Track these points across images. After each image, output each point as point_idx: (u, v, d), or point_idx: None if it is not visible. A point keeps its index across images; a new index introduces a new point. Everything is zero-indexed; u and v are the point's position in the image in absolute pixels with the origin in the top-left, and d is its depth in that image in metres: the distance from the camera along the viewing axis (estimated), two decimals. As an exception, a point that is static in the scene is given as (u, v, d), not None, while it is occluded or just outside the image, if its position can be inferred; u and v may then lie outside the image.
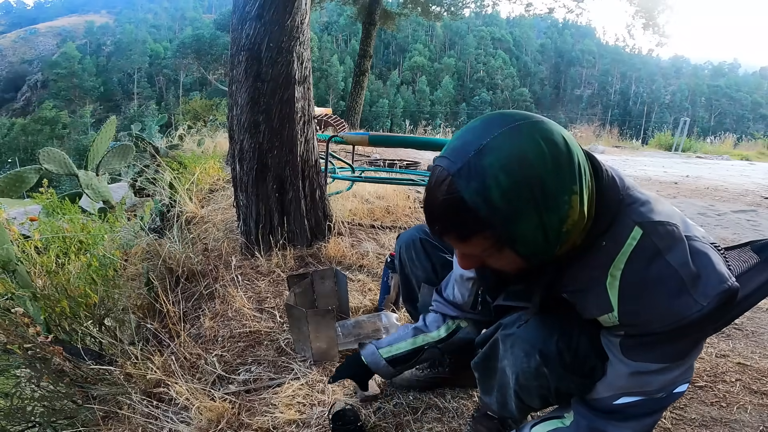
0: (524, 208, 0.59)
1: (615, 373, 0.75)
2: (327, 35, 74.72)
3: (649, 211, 0.69)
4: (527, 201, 0.59)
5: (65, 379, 1.49)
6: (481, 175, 0.58)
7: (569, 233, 0.64)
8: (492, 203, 0.59)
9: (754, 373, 1.41)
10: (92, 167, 3.41)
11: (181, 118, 15.00)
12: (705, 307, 0.63)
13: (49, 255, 2.18)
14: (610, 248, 0.68)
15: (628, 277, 0.67)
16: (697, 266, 0.65)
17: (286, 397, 1.27)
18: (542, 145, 0.59)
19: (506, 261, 0.68)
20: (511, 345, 0.84)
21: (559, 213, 0.61)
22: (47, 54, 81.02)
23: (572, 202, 0.61)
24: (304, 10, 2.16)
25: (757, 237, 0.94)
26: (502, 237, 0.62)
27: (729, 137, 13.19)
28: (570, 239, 0.65)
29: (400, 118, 52.78)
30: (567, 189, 0.60)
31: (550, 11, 14.77)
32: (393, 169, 4.83)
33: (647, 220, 0.68)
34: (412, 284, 1.21)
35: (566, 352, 0.78)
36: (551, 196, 0.59)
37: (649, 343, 0.69)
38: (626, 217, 0.68)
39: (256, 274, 2.09)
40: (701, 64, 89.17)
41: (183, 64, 47.33)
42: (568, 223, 0.62)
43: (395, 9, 15.16)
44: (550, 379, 0.80)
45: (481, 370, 0.95)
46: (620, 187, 0.71)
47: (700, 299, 0.64)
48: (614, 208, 0.68)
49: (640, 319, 0.68)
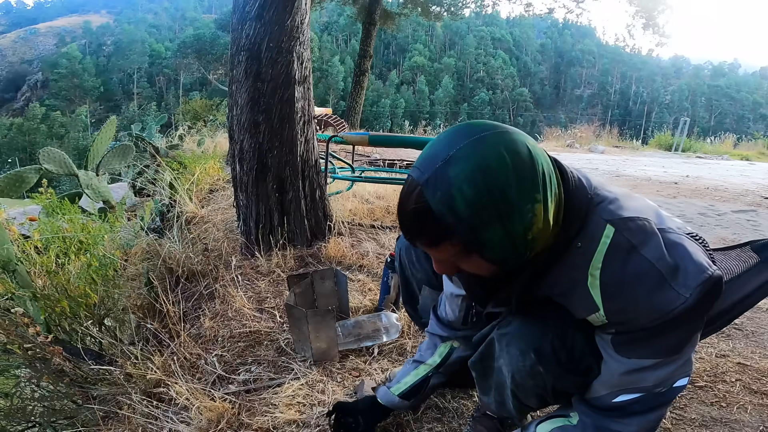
0: (488, 218, 0.61)
1: (609, 371, 0.75)
2: (327, 35, 74.70)
3: (619, 208, 0.70)
4: (491, 210, 0.61)
5: (65, 379, 1.49)
6: (446, 185, 0.61)
7: (535, 240, 0.65)
8: (457, 213, 0.61)
9: (754, 373, 1.41)
10: (92, 167, 3.41)
11: (181, 118, 15.01)
12: (689, 298, 0.64)
13: (49, 255, 2.18)
14: (586, 249, 0.69)
15: (607, 276, 0.68)
16: (675, 258, 0.66)
17: (286, 397, 1.27)
18: (505, 156, 0.61)
19: (477, 266, 0.70)
20: (506, 344, 0.84)
21: (523, 222, 0.62)
22: (47, 54, 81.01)
23: (536, 210, 0.62)
24: (304, 10, 2.16)
25: (757, 237, 0.94)
26: (468, 244, 0.64)
27: (729, 137, 13.17)
28: (538, 245, 0.67)
29: (400, 118, 52.77)
30: (530, 198, 0.62)
31: (550, 11, 14.77)
32: (393, 169, 4.83)
33: (617, 217, 0.69)
34: (413, 286, 1.21)
35: (561, 351, 0.78)
36: (514, 205, 0.61)
37: (639, 339, 0.70)
38: (597, 217, 0.70)
39: (256, 274, 2.09)
40: (701, 64, 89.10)
41: (183, 64, 47.30)
42: (533, 231, 0.64)
43: (395, 9, 15.16)
44: (546, 378, 0.80)
45: (478, 369, 0.95)
46: (587, 188, 0.72)
47: (683, 291, 0.64)
48: (584, 209, 0.70)
49: (626, 316, 0.69)
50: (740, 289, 0.86)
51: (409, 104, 64.84)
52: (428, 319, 1.21)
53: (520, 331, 0.82)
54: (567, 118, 58.67)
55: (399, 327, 1.57)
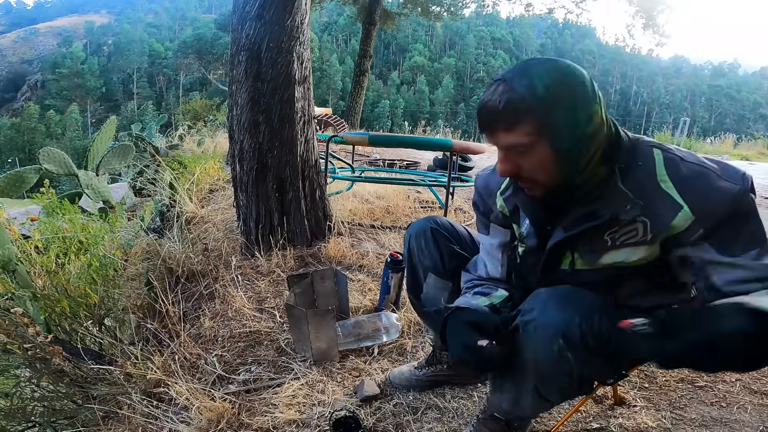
0: (561, 100, 0.75)
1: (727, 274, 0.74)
2: (327, 35, 74.71)
3: (655, 142, 0.84)
4: (564, 95, 0.75)
5: (65, 379, 1.49)
6: (528, 77, 0.76)
7: (593, 139, 0.78)
8: (536, 93, 0.74)
9: (754, 373, 1.41)
10: (92, 167, 3.41)
11: (181, 118, 15.01)
12: (743, 185, 0.75)
13: (49, 255, 2.18)
14: (647, 164, 0.81)
15: (677, 177, 0.79)
16: (714, 163, 0.79)
17: (286, 397, 1.27)
18: (575, 69, 0.78)
19: (541, 159, 0.78)
20: (533, 330, 0.82)
21: (587, 113, 0.76)
22: (47, 54, 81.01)
23: (596, 109, 0.77)
24: (304, 10, 2.16)
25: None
26: (542, 126, 0.75)
27: (729, 137, 13.17)
28: (594, 146, 0.78)
29: (400, 119, 52.78)
30: (591, 98, 0.77)
31: (550, 11, 14.77)
32: (393, 169, 4.83)
33: (657, 144, 0.83)
34: (419, 273, 1.20)
35: (589, 335, 0.77)
36: (580, 98, 0.76)
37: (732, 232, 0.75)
38: (642, 146, 0.83)
39: (256, 274, 2.09)
40: (701, 64, 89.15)
41: (183, 64, 47.25)
42: (593, 126, 0.77)
43: (395, 9, 15.15)
44: (574, 365, 0.79)
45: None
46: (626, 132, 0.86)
47: (735, 181, 0.76)
48: (632, 144, 0.84)
49: (707, 206, 0.76)
50: None
51: (409, 104, 64.83)
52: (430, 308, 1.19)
53: (545, 316, 0.81)
54: (567, 118, 58.48)
55: (399, 327, 1.57)
